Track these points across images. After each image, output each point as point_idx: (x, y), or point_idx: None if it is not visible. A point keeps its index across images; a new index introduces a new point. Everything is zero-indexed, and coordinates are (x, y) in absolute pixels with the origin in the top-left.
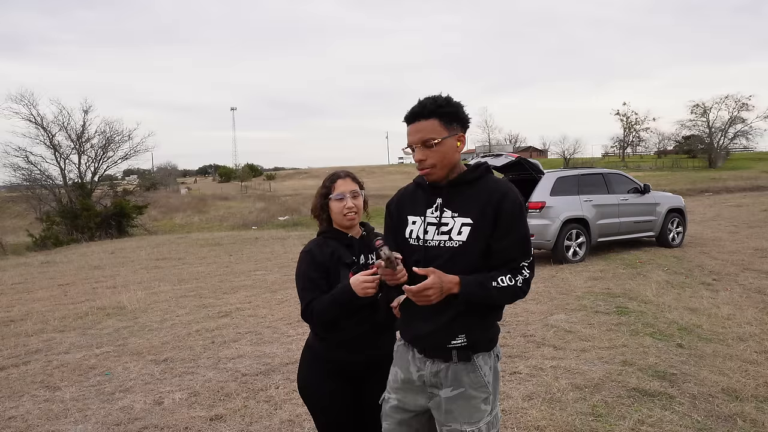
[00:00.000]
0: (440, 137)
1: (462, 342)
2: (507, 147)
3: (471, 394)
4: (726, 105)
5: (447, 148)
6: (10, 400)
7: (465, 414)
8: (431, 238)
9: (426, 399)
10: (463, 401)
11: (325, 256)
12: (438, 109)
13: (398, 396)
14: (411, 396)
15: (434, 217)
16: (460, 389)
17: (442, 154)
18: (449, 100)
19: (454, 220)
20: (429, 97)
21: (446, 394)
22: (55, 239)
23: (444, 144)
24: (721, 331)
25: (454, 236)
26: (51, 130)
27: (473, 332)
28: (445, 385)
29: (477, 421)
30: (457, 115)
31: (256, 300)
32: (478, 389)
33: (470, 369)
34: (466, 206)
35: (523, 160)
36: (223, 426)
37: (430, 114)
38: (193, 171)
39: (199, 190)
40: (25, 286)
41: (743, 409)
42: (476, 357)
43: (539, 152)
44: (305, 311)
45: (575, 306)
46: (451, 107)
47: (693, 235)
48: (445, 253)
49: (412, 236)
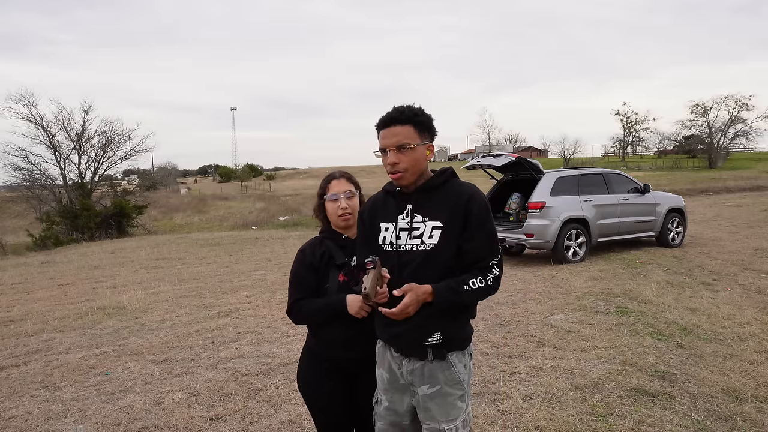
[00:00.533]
0: (414, 143)
1: (438, 339)
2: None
3: (447, 392)
4: (726, 105)
5: (419, 154)
6: (10, 400)
7: (443, 412)
8: (404, 243)
9: (410, 397)
10: (440, 398)
11: (316, 257)
12: (414, 117)
13: (387, 397)
14: (398, 396)
15: (405, 223)
16: (437, 387)
17: (414, 160)
18: (423, 111)
19: (425, 224)
20: (405, 105)
21: (423, 392)
22: (55, 239)
23: (417, 150)
24: (721, 331)
25: (426, 240)
26: (51, 130)
27: (448, 330)
28: (422, 382)
29: (454, 418)
30: (429, 126)
31: (256, 300)
32: (454, 386)
33: (445, 366)
34: (436, 210)
35: (523, 160)
36: (223, 426)
37: (407, 120)
38: (193, 171)
39: (199, 190)
40: (25, 286)
41: (743, 409)
42: (450, 355)
43: (539, 152)
44: (290, 308)
45: (575, 306)
46: (425, 117)
47: (693, 235)
48: (418, 257)
49: (385, 242)
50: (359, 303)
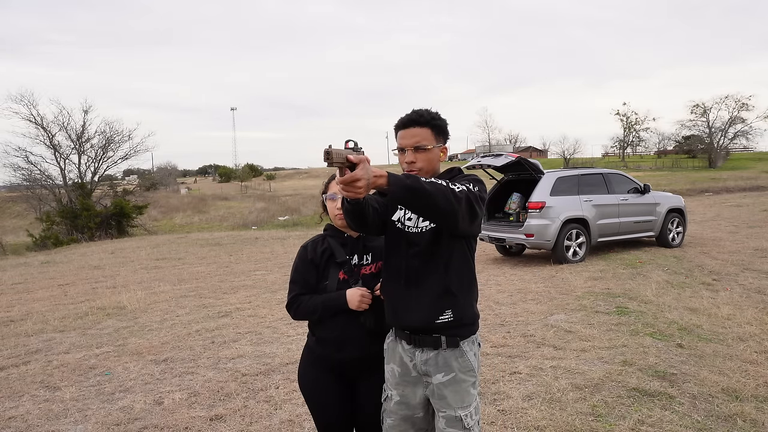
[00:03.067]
0: (431, 145)
1: (449, 317)
2: (507, 147)
3: (461, 378)
4: (726, 105)
5: (434, 155)
6: (10, 400)
7: (457, 398)
8: (413, 225)
9: (423, 389)
10: (455, 385)
11: (317, 254)
12: (432, 120)
13: (398, 391)
14: (410, 389)
15: None
16: (452, 374)
17: (429, 160)
18: (440, 116)
19: None
20: (424, 109)
21: (438, 380)
22: (55, 239)
23: (432, 151)
24: (721, 331)
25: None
26: (51, 130)
27: (457, 308)
28: (436, 371)
29: (468, 405)
30: (444, 129)
31: (256, 300)
32: (467, 373)
33: (458, 354)
34: None
35: (523, 160)
36: (223, 426)
37: (426, 123)
38: (193, 171)
39: (199, 190)
40: (25, 286)
41: (743, 409)
42: (462, 343)
43: (539, 152)
44: (290, 303)
45: (575, 306)
46: (441, 121)
47: (693, 235)
48: (427, 234)
49: (398, 221)
50: (359, 296)
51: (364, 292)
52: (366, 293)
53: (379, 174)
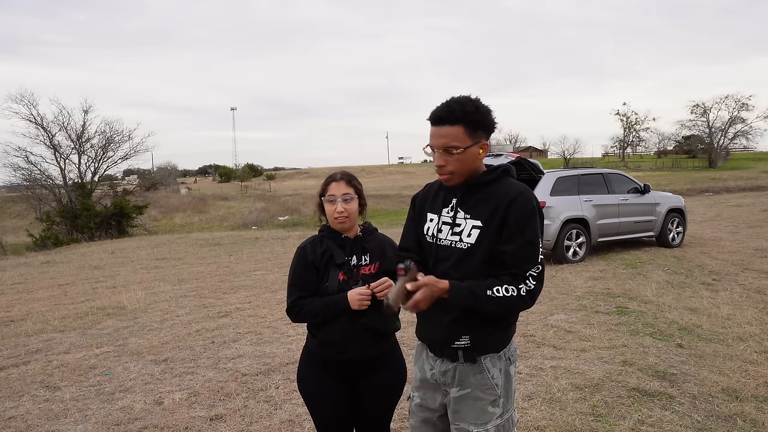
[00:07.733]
0: (463, 146)
1: (465, 343)
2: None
3: (478, 396)
4: (726, 105)
5: (468, 156)
6: (10, 400)
7: (472, 415)
8: (444, 237)
9: (442, 396)
10: (470, 402)
11: (317, 255)
12: (465, 116)
13: (419, 394)
14: (430, 393)
15: (449, 217)
16: (467, 390)
17: (463, 163)
18: (478, 107)
19: (466, 221)
20: (458, 101)
21: (454, 394)
22: (55, 239)
23: (466, 153)
24: (721, 331)
25: (464, 238)
26: (51, 130)
27: (477, 334)
28: (453, 384)
29: (485, 422)
30: (483, 123)
31: (256, 300)
32: (485, 391)
33: (477, 370)
34: (479, 208)
35: (523, 160)
36: (223, 426)
37: (457, 121)
38: (193, 171)
39: (199, 190)
40: (25, 286)
41: (743, 409)
42: (483, 359)
43: (539, 152)
44: (290, 307)
45: (575, 306)
46: (479, 114)
47: (693, 235)
48: (454, 254)
49: (428, 233)
50: (359, 297)
51: (362, 291)
52: (365, 292)
53: (443, 291)
